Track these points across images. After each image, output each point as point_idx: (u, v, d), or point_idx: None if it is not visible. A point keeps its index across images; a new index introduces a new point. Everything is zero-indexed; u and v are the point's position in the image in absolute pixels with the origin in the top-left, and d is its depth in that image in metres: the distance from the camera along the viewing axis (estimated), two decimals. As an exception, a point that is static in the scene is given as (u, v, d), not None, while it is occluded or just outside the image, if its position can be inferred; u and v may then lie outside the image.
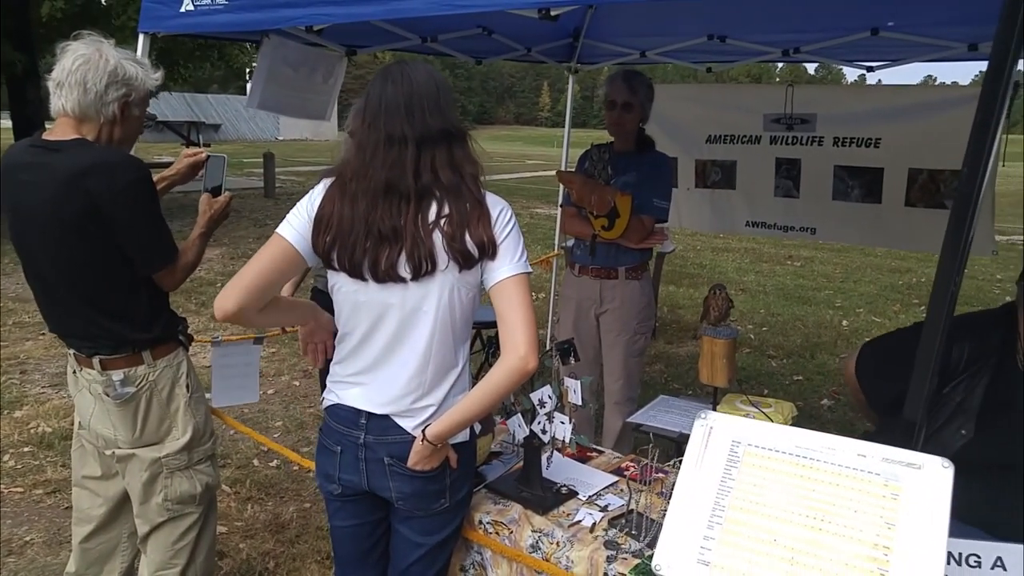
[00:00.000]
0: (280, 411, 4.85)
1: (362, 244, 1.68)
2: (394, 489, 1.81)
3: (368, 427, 1.80)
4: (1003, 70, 1.15)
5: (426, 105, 1.68)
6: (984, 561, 1.22)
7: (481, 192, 1.72)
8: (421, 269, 1.67)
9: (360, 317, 1.77)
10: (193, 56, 14.31)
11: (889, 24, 3.64)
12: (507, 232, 1.72)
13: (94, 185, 1.97)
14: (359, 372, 1.81)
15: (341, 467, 1.85)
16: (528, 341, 1.64)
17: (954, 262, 1.18)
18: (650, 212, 3.31)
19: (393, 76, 1.71)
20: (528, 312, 1.67)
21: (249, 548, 3.27)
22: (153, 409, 2.22)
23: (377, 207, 1.68)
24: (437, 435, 1.73)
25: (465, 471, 1.88)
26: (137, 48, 2.99)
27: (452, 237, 1.66)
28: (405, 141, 1.67)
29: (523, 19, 2.57)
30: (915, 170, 4.15)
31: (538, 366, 1.67)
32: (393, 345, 1.76)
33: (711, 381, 2.70)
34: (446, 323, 1.74)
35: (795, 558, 1.12)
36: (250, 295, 1.70)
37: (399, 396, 1.77)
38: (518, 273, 1.70)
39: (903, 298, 8.67)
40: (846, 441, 1.21)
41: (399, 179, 1.67)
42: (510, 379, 1.67)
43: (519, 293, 1.69)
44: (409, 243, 1.66)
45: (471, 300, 1.76)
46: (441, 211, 1.68)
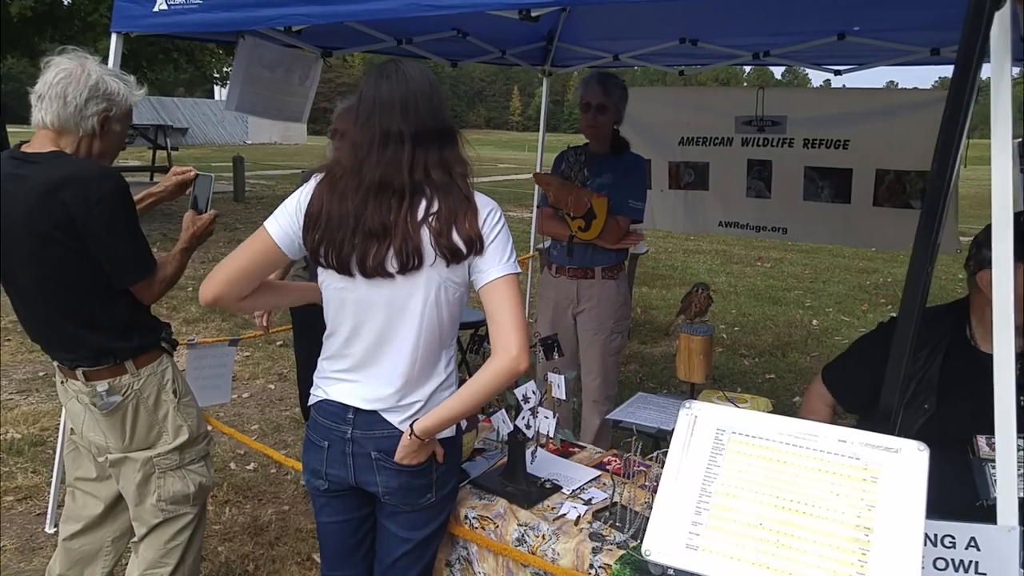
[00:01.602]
0: (256, 414, 4.82)
1: (350, 241, 1.69)
2: (381, 483, 1.82)
3: (355, 422, 1.81)
4: (969, 69, 1.20)
5: (420, 103, 1.70)
6: (959, 541, 1.27)
7: (471, 190, 1.74)
8: (408, 264, 1.68)
9: (347, 314, 1.78)
10: (157, 59, 14.12)
11: (855, 29, 3.74)
12: (496, 232, 1.73)
13: (69, 197, 1.95)
14: (347, 369, 1.83)
15: (328, 462, 1.86)
16: (519, 342, 1.66)
17: (926, 251, 1.23)
18: (626, 213, 3.36)
19: (388, 73, 1.72)
20: (519, 312, 1.69)
21: (228, 551, 3.24)
22: (141, 417, 2.21)
23: (368, 204, 1.68)
24: (425, 430, 1.74)
25: (451, 466, 1.90)
26: (110, 48, 2.97)
27: (439, 233, 1.67)
28: (401, 138, 1.68)
29: (498, 22, 2.61)
30: (882, 171, 4.26)
31: (528, 366, 1.69)
32: (381, 341, 1.77)
33: (688, 377, 2.75)
34: (433, 320, 1.75)
35: (780, 540, 1.16)
36: (229, 286, 1.78)
37: (387, 392, 1.78)
38: (508, 273, 1.71)
39: (871, 297, 8.84)
40: (827, 428, 1.25)
41: (394, 176, 1.68)
42: (501, 378, 1.68)
43: (509, 293, 1.70)
44: (398, 239, 1.67)
45: (458, 298, 1.78)
46: (430, 208, 1.69)
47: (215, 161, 22.58)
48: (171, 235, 9.32)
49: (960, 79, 1.18)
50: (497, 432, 2.30)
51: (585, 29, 4.59)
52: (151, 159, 18.43)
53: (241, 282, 1.79)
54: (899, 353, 1.29)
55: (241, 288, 1.80)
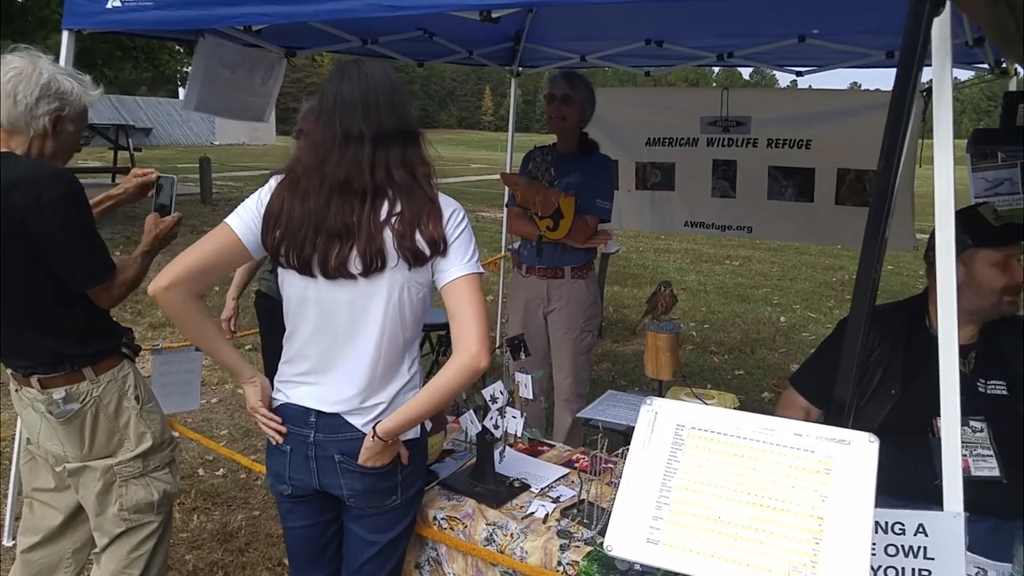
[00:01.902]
0: (225, 419, 4.78)
1: (311, 241, 1.69)
2: (345, 486, 1.81)
3: (318, 425, 1.80)
4: (910, 72, 1.24)
5: (382, 103, 1.70)
6: (907, 528, 1.31)
7: (434, 191, 1.74)
8: (372, 266, 1.68)
9: (308, 314, 1.77)
10: (114, 57, 13.82)
11: (814, 32, 3.82)
12: (459, 232, 1.74)
13: (20, 199, 1.90)
14: (307, 371, 1.82)
15: (291, 467, 1.85)
16: (480, 339, 1.66)
17: (875, 247, 1.27)
18: (594, 212, 3.39)
19: (349, 74, 1.72)
20: (480, 311, 1.70)
21: (196, 559, 3.21)
22: (101, 424, 2.17)
23: (331, 204, 1.68)
24: (388, 431, 1.74)
25: (416, 468, 1.90)
26: (61, 46, 2.91)
27: (403, 235, 1.68)
28: (362, 139, 1.68)
29: (464, 22, 2.61)
30: (843, 170, 4.35)
31: (489, 365, 1.69)
32: (342, 343, 1.76)
33: (656, 374, 2.79)
34: (396, 321, 1.75)
35: (738, 533, 1.19)
36: (187, 273, 1.70)
37: (349, 395, 1.78)
38: (470, 273, 1.72)
39: (836, 294, 8.99)
40: (783, 422, 1.28)
41: (356, 177, 1.68)
42: (462, 377, 1.68)
43: (471, 292, 1.71)
44: (363, 240, 1.67)
45: (421, 299, 1.78)
46: (393, 209, 1.69)
47: (180, 162, 22.29)
48: (134, 238, 9.17)
49: (902, 82, 1.22)
50: (466, 433, 2.31)
51: (552, 30, 4.62)
52: (112, 160, 18.02)
53: (199, 275, 1.72)
54: (851, 347, 1.33)
55: (197, 282, 1.72)
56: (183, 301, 1.72)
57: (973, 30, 3.14)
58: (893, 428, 2.03)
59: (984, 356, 2.14)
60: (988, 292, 2.08)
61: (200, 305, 1.76)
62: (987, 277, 2.07)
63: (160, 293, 1.69)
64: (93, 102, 2.16)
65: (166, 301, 1.70)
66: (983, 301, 2.10)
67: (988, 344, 2.16)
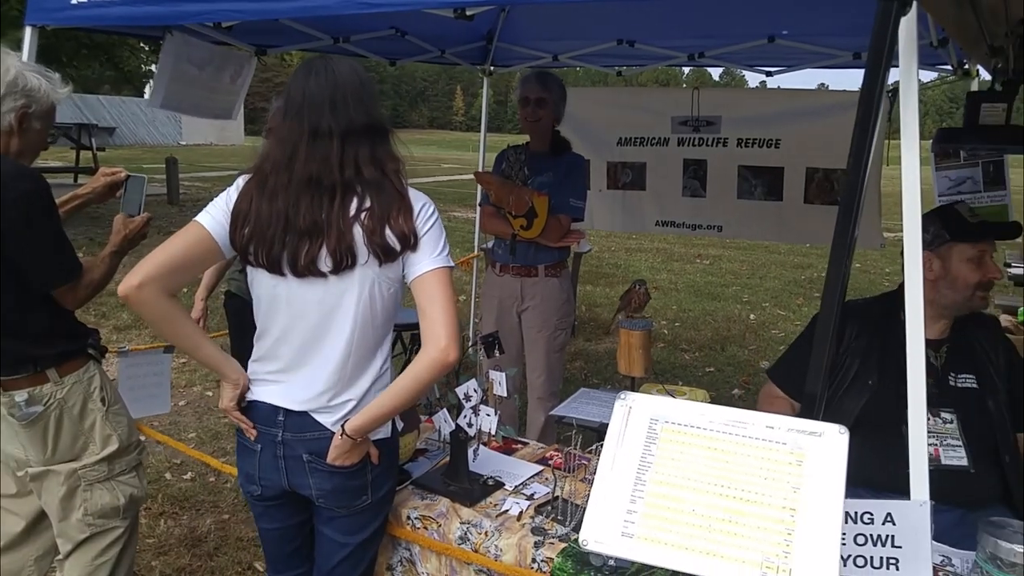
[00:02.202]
0: (193, 422, 4.71)
1: (280, 239, 1.67)
2: (314, 486, 1.80)
3: (286, 424, 1.78)
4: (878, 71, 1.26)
5: (350, 99, 1.69)
6: (876, 518, 1.33)
7: (404, 186, 1.73)
8: (342, 263, 1.67)
9: (279, 313, 1.76)
10: (79, 55, 13.53)
11: (783, 32, 3.88)
12: (429, 226, 1.73)
13: None
14: (278, 370, 1.80)
15: (260, 466, 1.83)
16: (449, 333, 1.65)
17: (844, 243, 1.29)
18: (567, 211, 3.41)
19: (316, 69, 1.71)
20: (449, 305, 1.68)
21: (163, 565, 3.16)
22: (65, 427, 2.12)
23: (300, 203, 1.67)
24: (356, 429, 1.72)
25: (387, 468, 1.88)
26: (24, 42, 2.84)
27: (372, 231, 1.66)
28: (330, 135, 1.67)
29: (436, 20, 2.61)
30: (812, 169, 4.41)
31: (459, 358, 1.68)
32: (312, 341, 1.75)
33: (628, 371, 2.80)
34: (367, 318, 1.74)
35: (712, 525, 1.20)
36: (158, 270, 1.65)
37: (318, 392, 1.76)
38: (439, 267, 1.71)
39: (805, 292, 9.11)
40: (756, 415, 1.30)
41: (324, 174, 1.66)
42: (431, 371, 1.67)
43: (440, 286, 1.70)
44: (332, 238, 1.66)
45: (393, 295, 1.77)
46: (362, 205, 1.68)
47: (146, 162, 21.91)
48: (98, 239, 9.02)
49: (870, 80, 1.24)
50: (439, 432, 2.30)
51: (524, 29, 4.62)
52: (75, 160, 17.66)
53: (171, 273, 1.67)
54: (821, 341, 1.35)
55: (169, 279, 1.67)
56: (156, 299, 1.66)
57: (938, 31, 3.21)
58: (869, 421, 2.08)
59: (955, 351, 2.20)
60: (963, 287, 2.14)
61: (175, 303, 1.71)
62: (962, 272, 2.13)
63: (132, 292, 1.63)
64: (61, 100, 2.13)
65: (139, 300, 1.65)
66: (957, 295, 2.15)
67: (959, 339, 2.21)
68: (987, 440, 2.10)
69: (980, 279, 2.12)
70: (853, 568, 1.35)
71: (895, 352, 2.12)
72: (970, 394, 2.14)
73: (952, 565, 1.75)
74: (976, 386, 2.15)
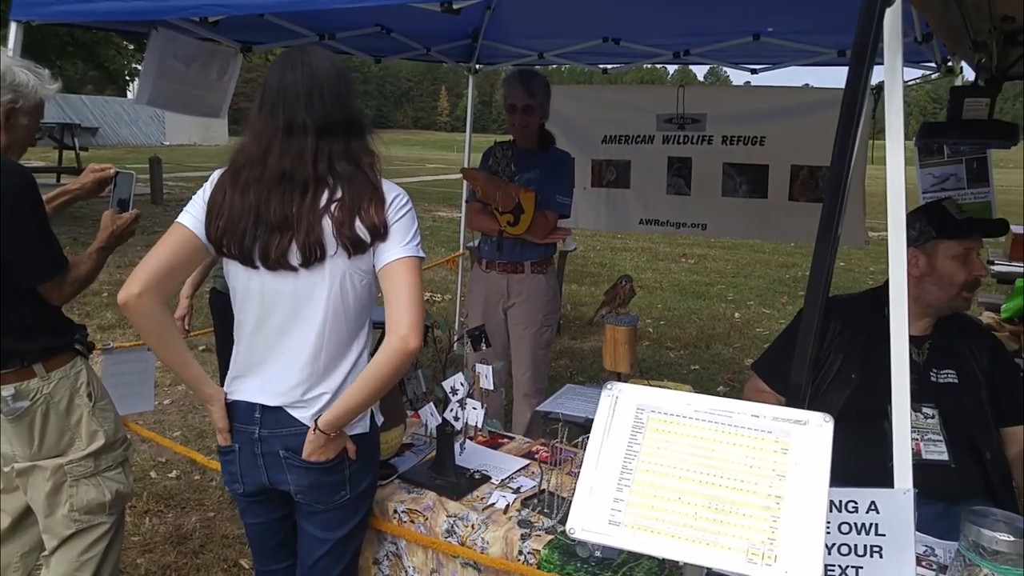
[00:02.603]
0: (178, 421, 4.68)
1: (252, 232, 1.68)
2: (292, 482, 1.79)
3: (263, 420, 1.78)
4: (863, 63, 1.27)
5: (326, 93, 1.68)
6: (860, 506, 1.35)
7: (377, 178, 1.72)
8: (311, 257, 1.67)
9: (252, 304, 1.76)
10: (65, 52, 13.39)
11: (769, 30, 3.90)
12: (400, 216, 1.71)
13: None
14: (254, 363, 1.80)
15: (241, 465, 1.83)
16: (410, 321, 1.63)
17: (828, 237, 1.30)
18: (553, 207, 3.41)
19: (292, 62, 1.70)
20: (413, 293, 1.66)
21: (148, 562, 3.14)
22: (51, 422, 2.11)
23: (271, 197, 1.67)
24: (329, 423, 1.72)
25: (366, 463, 1.87)
26: (9, 37, 2.82)
27: (341, 223, 1.66)
28: (304, 130, 1.66)
29: (422, 18, 2.60)
30: (796, 167, 4.42)
31: (419, 346, 1.64)
32: (284, 333, 1.75)
33: (614, 367, 2.80)
34: (338, 310, 1.73)
35: (698, 513, 1.20)
36: (155, 276, 1.68)
37: (292, 386, 1.76)
38: (407, 256, 1.69)
39: (790, 290, 9.18)
40: (741, 404, 1.30)
41: (297, 169, 1.66)
42: (392, 360, 1.65)
43: (406, 274, 1.67)
44: (302, 232, 1.66)
45: (365, 287, 1.75)
46: (333, 197, 1.68)
47: (130, 162, 21.70)
48: (81, 239, 8.94)
49: (854, 73, 1.25)
50: (426, 426, 2.30)
51: (510, 27, 4.62)
52: (58, 160, 17.52)
53: (167, 277, 1.71)
54: (806, 332, 1.36)
55: (166, 285, 1.71)
56: (154, 308, 1.69)
57: (922, 26, 3.23)
58: (853, 414, 2.09)
59: (937, 348, 2.21)
60: (948, 284, 2.15)
61: (169, 314, 1.77)
62: (948, 269, 2.14)
63: (133, 300, 1.65)
64: (50, 96, 2.13)
65: (139, 308, 1.67)
66: (942, 293, 2.16)
67: (941, 336, 2.23)
68: (968, 435, 2.12)
69: (966, 277, 2.13)
70: (838, 556, 1.36)
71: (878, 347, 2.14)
72: (951, 389, 2.16)
73: (936, 555, 1.77)
74: (957, 381, 2.17)
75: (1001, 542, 1.42)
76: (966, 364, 2.19)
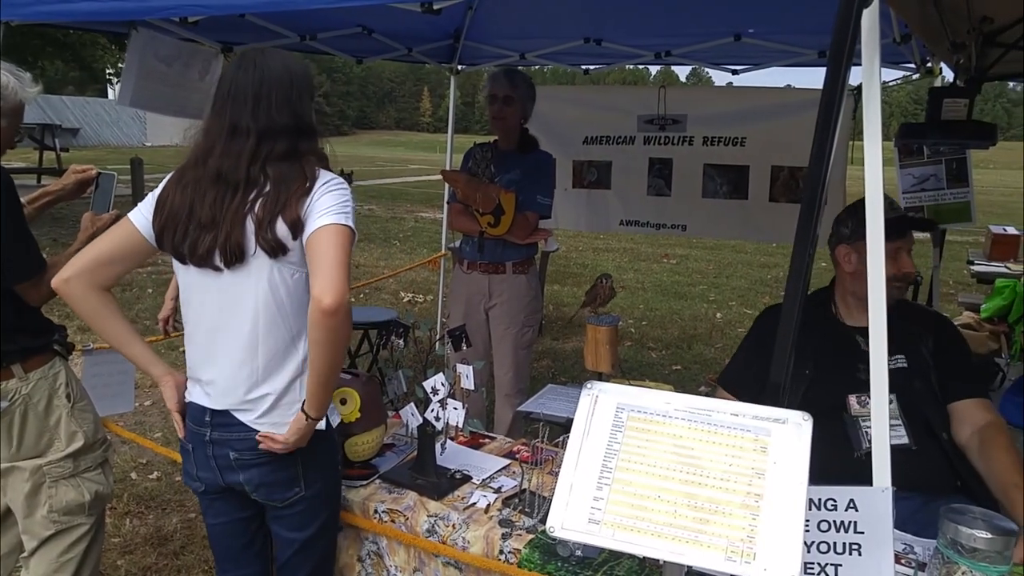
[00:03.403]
0: (159, 422, 4.63)
1: (184, 229, 1.70)
2: (245, 481, 1.80)
3: (213, 424, 1.79)
4: (840, 63, 1.28)
5: (275, 98, 1.67)
6: (839, 504, 1.35)
7: (315, 172, 1.68)
8: (231, 259, 1.67)
9: (191, 305, 1.79)
10: (45, 52, 13.30)
11: (750, 31, 3.92)
12: (330, 190, 1.66)
13: None
14: (197, 365, 1.82)
15: (196, 465, 1.84)
16: (323, 283, 1.56)
17: (807, 236, 1.31)
18: (534, 208, 3.41)
19: (246, 64, 1.70)
20: (332, 258, 1.59)
21: (128, 564, 3.11)
22: (30, 423, 2.10)
23: (206, 195, 1.68)
24: (310, 407, 1.70)
25: (322, 461, 1.85)
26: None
27: (261, 222, 1.64)
28: (247, 133, 1.67)
29: (404, 18, 2.60)
30: (777, 167, 4.45)
31: (335, 304, 1.56)
32: (219, 334, 1.75)
33: (596, 367, 2.81)
34: (271, 306, 1.70)
35: (677, 511, 1.21)
36: (86, 265, 1.73)
37: (231, 388, 1.76)
38: (329, 223, 1.62)
39: (771, 291, 9.24)
40: (721, 403, 1.31)
41: (231, 170, 1.67)
42: (313, 326, 1.59)
43: (326, 241, 1.60)
44: (222, 234, 1.66)
45: (298, 281, 1.70)
46: (260, 194, 1.67)
47: (111, 163, 21.45)
48: (61, 240, 8.85)
49: (833, 72, 1.26)
50: (407, 427, 2.29)
51: (492, 27, 4.62)
52: (38, 160, 17.35)
53: (99, 267, 1.74)
54: (785, 332, 1.37)
55: (97, 274, 1.74)
56: (84, 292, 1.73)
57: (900, 27, 3.27)
58: (810, 409, 2.11)
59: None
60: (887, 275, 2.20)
61: (105, 298, 1.76)
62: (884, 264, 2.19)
63: (60, 285, 1.73)
64: (31, 99, 2.11)
65: (67, 293, 1.73)
66: None
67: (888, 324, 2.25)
68: (923, 418, 2.16)
69: (894, 272, 2.18)
70: (817, 553, 1.37)
71: (828, 343, 2.22)
72: (903, 374, 2.18)
73: (914, 553, 1.79)
74: (907, 366, 2.20)
75: (979, 539, 1.43)
76: (913, 348, 2.23)
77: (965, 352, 2.32)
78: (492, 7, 4.29)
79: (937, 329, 2.29)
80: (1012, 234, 5.77)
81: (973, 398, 2.18)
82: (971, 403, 2.17)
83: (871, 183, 1.34)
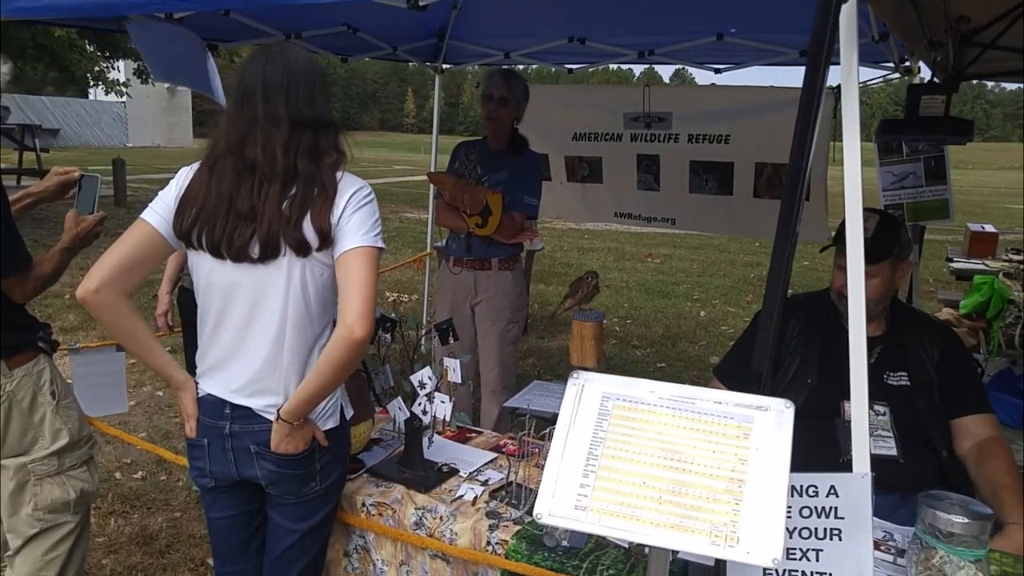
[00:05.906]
0: (144, 422, 4.61)
1: (223, 221, 1.69)
2: (262, 475, 1.80)
3: (233, 416, 1.79)
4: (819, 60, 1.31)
5: (302, 91, 1.70)
6: (820, 490, 1.38)
7: (335, 181, 1.72)
8: (267, 251, 1.68)
9: (214, 298, 1.77)
10: (26, 54, 13.17)
11: (732, 30, 3.96)
12: (360, 206, 1.72)
13: None
14: (218, 359, 1.81)
15: (210, 459, 1.83)
16: (357, 310, 1.62)
17: (787, 232, 1.33)
18: (521, 209, 3.43)
19: (273, 57, 1.72)
20: (364, 283, 1.66)
21: (114, 563, 3.10)
22: (14, 420, 2.08)
23: (241, 186, 1.68)
24: (290, 412, 1.73)
25: (336, 456, 1.88)
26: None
27: (288, 222, 1.67)
28: (279, 122, 1.68)
29: (388, 16, 2.60)
30: (761, 164, 4.48)
31: (366, 336, 1.64)
32: (245, 328, 1.76)
33: (581, 362, 2.82)
34: (299, 304, 1.73)
35: (662, 497, 1.23)
36: (112, 272, 1.69)
37: (254, 381, 1.77)
38: (362, 245, 1.69)
39: (754, 289, 9.30)
40: (705, 391, 1.33)
41: (268, 160, 1.67)
42: (340, 349, 1.65)
43: (359, 264, 1.67)
44: (264, 225, 1.67)
45: (326, 280, 1.75)
46: (288, 193, 1.69)
47: (92, 164, 21.27)
48: (43, 241, 8.77)
49: (812, 69, 1.29)
50: (394, 421, 2.30)
51: (476, 26, 4.63)
52: (18, 161, 17.16)
53: (125, 273, 1.71)
54: (766, 323, 1.40)
55: (124, 280, 1.71)
56: (115, 302, 1.70)
57: (879, 25, 3.31)
58: (807, 415, 2.14)
59: (889, 350, 2.26)
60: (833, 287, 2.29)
61: (132, 305, 1.75)
62: (834, 275, 2.29)
63: (90, 296, 1.67)
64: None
65: (97, 303, 1.68)
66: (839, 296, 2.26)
67: (894, 339, 2.28)
68: (918, 433, 2.16)
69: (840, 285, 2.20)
70: (799, 539, 1.39)
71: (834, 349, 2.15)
72: (903, 391, 2.20)
73: (894, 540, 1.82)
74: (909, 384, 2.21)
75: (956, 524, 1.47)
76: (918, 364, 2.23)
77: (970, 366, 2.33)
78: (477, 6, 4.30)
79: (942, 341, 2.28)
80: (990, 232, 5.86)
81: (977, 414, 2.18)
82: (975, 419, 2.17)
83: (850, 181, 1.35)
